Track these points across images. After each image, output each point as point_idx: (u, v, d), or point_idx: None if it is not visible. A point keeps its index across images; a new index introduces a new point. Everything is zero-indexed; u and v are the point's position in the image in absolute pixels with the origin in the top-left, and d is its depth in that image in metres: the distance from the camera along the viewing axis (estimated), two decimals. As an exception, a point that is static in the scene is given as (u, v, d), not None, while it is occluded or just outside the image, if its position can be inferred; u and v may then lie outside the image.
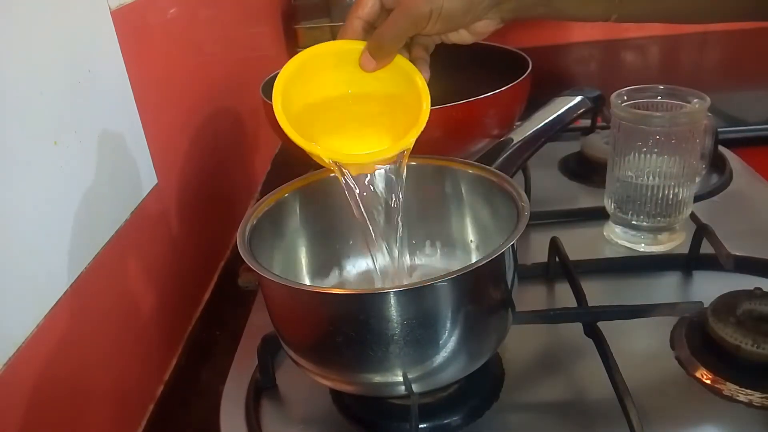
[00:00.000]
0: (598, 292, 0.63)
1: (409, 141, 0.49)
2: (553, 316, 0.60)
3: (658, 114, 0.69)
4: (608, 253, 0.73)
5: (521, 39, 1.56)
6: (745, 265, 0.66)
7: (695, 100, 0.69)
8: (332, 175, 0.61)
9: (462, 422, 0.53)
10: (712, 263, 0.67)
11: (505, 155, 0.65)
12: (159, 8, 0.73)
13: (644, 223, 0.72)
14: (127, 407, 0.60)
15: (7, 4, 0.46)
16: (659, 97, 0.71)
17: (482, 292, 0.49)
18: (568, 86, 0.82)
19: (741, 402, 0.52)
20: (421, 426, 0.52)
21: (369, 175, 0.52)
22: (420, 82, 0.51)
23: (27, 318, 0.46)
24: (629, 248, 0.74)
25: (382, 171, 0.52)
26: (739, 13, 0.47)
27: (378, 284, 0.56)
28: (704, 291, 0.62)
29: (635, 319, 0.58)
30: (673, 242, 0.73)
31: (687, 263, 0.70)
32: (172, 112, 0.76)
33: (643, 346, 0.60)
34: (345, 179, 0.50)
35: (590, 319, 0.57)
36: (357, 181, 0.51)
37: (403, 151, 0.50)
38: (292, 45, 1.37)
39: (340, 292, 0.50)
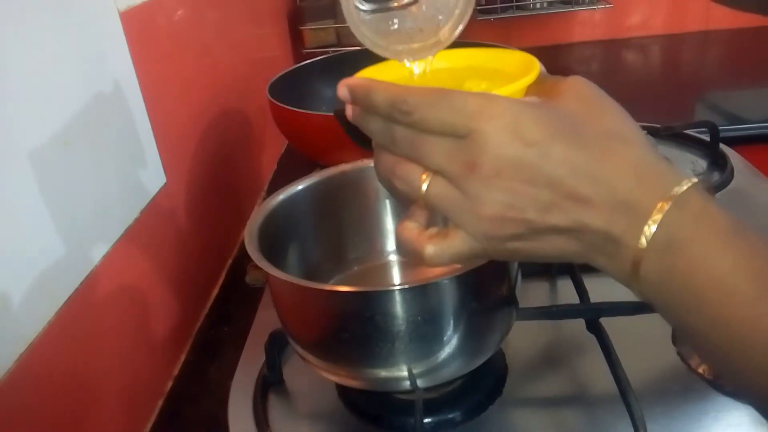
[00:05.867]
0: (600, 289, 0.63)
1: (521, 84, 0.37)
2: (556, 313, 0.60)
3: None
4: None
5: (523, 38, 1.57)
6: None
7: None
8: (337, 172, 0.62)
9: (465, 417, 0.54)
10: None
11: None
12: (167, 10, 0.74)
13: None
14: (136, 402, 0.61)
15: (16, 7, 0.47)
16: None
17: (486, 290, 0.50)
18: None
19: (742, 397, 0.53)
20: (425, 420, 0.52)
21: None
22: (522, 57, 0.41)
23: (38, 315, 0.47)
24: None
25: None
26: None
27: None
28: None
29: (637, 315, 0.58)
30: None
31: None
32: (181, 112, 0.77)
33: (645, 341, 0.60)
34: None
35: (593, 315, 0.58)
36: None
37: None
38: (299, 46, 1.37)
39: (346, 290, 0.50)
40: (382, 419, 0.55)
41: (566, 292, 0.65)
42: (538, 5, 1.48)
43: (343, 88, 0.36)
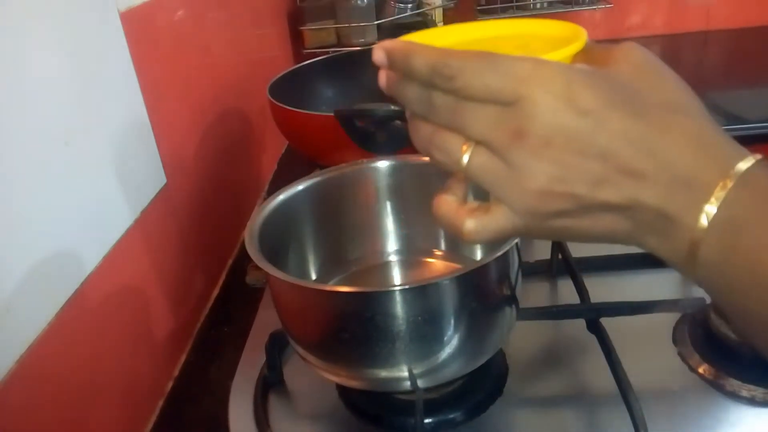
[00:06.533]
0: (600, 289, 0.63)
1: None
2: (556, 313, 0.61)
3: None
4: (611, 250, 0.74)
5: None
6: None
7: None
8: (337, 172, 0.62)
9: (466, 417, 0.54)
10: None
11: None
12: (167, 10, 0.74)
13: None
14: (137, 402, 0.61)
15: (16, 7, 0.47)
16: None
17: (487, 290, 0.50)
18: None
19: (743, 398, 0.53)
20: (426, 421, 0.52)
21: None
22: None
23: (38, 315, 0.47)
24: (632, 245, 0.74)
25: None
26: None
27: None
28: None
29: (638, 315, 0.58)
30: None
31: (689, 260, 0.70)
32: (181, 112, 0.77)
33: (645, 342, 0.60)
34: None
35: (593, 315, 0.58)
36: None
37: None
38: (299, 46, 1.37)
39: (346, 290, 0.50)
40: (382, 419, 0.55)
41: (566, 292, 0.65)
42: (538, 5, 1.48)
43: (379, 52, 0.33)
